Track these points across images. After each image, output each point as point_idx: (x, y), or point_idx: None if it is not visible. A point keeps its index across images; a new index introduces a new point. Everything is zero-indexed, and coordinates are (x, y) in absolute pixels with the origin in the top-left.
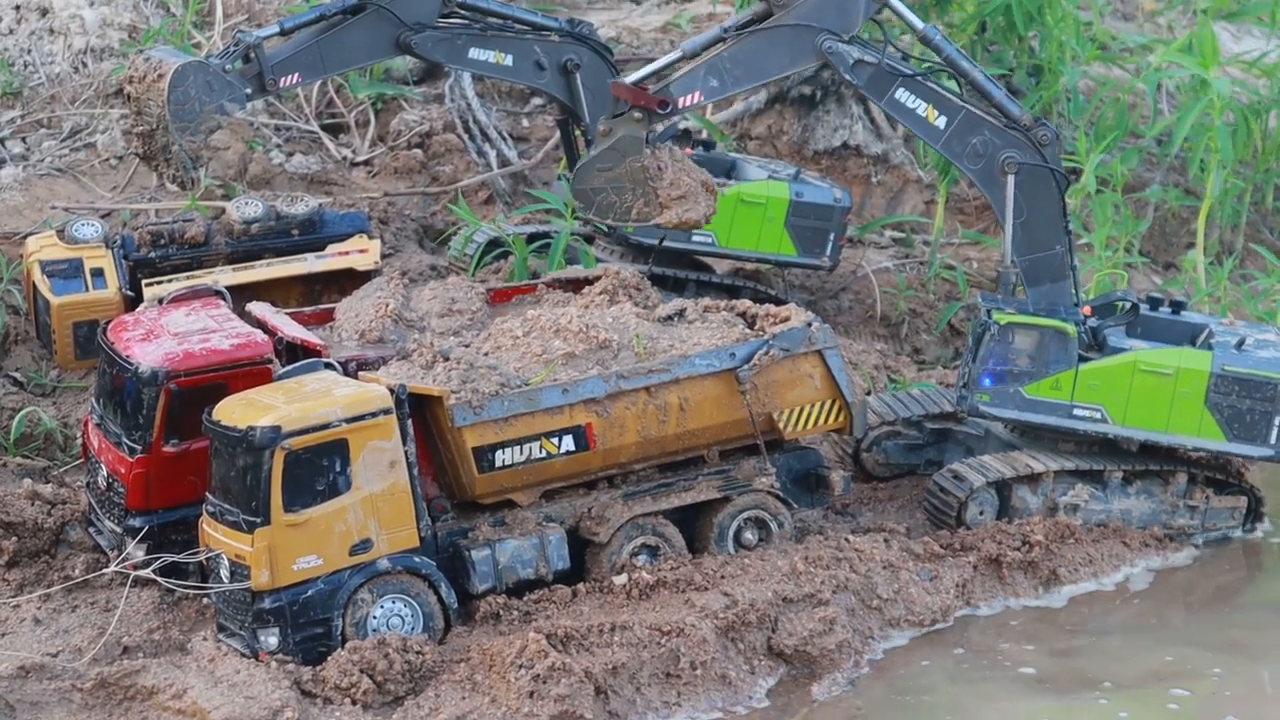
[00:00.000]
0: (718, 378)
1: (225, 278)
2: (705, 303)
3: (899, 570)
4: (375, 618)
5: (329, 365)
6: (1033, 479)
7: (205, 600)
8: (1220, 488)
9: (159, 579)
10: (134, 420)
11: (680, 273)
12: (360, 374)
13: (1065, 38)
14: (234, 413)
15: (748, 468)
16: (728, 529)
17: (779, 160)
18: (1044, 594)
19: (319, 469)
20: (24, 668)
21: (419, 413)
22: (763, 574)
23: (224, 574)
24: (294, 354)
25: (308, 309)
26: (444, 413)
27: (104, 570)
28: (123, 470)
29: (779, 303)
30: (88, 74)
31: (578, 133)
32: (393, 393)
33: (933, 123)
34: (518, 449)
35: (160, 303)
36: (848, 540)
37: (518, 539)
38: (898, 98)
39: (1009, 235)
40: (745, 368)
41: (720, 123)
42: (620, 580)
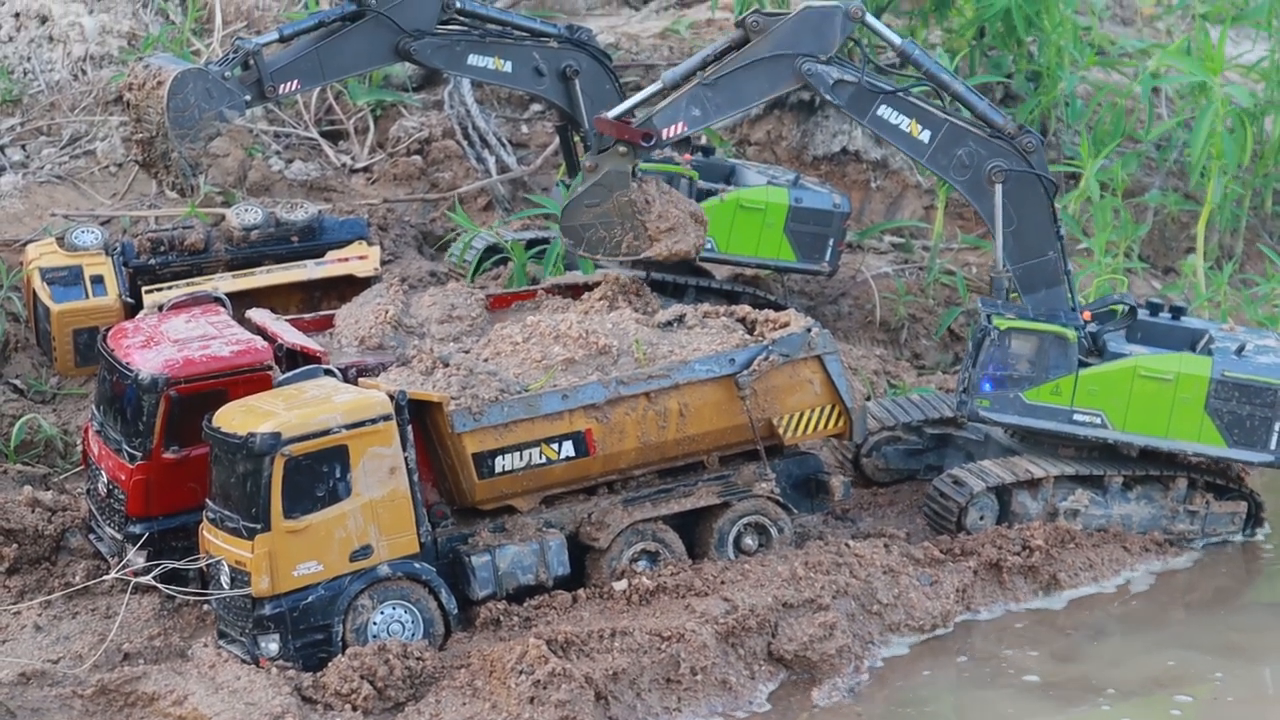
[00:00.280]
0: (717, 383)
1: (225, 284)
2: (705, 308)
3: (899, 575)
4: (376, 624)
5: (329, 372)
6: (1033, 484)
7: (206, 607)
8: (1220, 493)
9: (159, 585)
10: (134, 427)
11: (679, 278)
12: (360, 380)
13: (1064, 43)
14: (234, 419)
15: (748, 473)
16: (728, 534)
17: (778, 166)
18: (1044, 598)
19: (319, 475)
20: (25, 674)
21: (419, 419)
22: (763, 579)
23: (224, 580)
24: (294, 360)
25: (307, 315)
26: (444, 419)
27: (104, 577)
28: (123, 477)
29: (778, 308)
30: (87, 81)
31: (577, 139)
32: (392, 399)
33: (917, 137)
34: (517, 455)
35: (160, 309)
36: (848, 545)
37: (518, 545)
38: (880, 114)
39: (999, 244)
40: (745, 373)
41: (719, 128)
42: (620, 586)
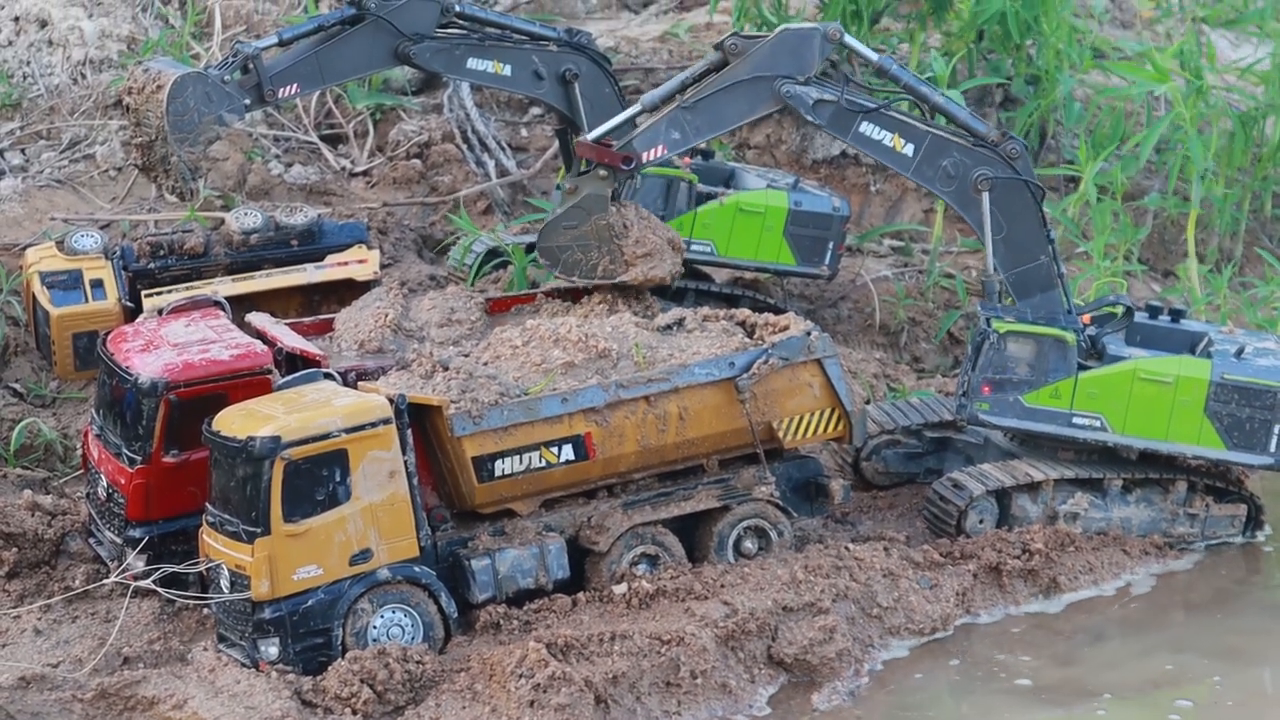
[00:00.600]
0: (717, 387)
1: (224, 288)
2: (704, 312)
3: (899, 579)
4: (375, 627)
5: (328, 375)
6: (1032, 487)
7: (205, 611)
8: (1220, 495)
9: (159, 589)
10: (134, 431)
11: (679, 282)
12: (360, 384)
13: (1062, 46)
14: (234, 423)
15: (747, 477)
16: (727, 538)
17: (778, 169)
18: (1044, 601)
19: (319, 479)
20: (25, 678)
21: (418, 422)
22: (762, 583)
23: (224, 584)
24: (293, 364)
25: (307, 319)
26: (443, 422)
27: (104, 581)
28: (123, 481)
29: (778, 311)
30: (87, 85)
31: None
32: (392, 403)
33: (900, 151)
34: (517, 458)
35: (160, 313)
36: (847, 549)
37: (517, 548)
38: (862, 131)
39: (989, 252)
40: (744, 377)
41: None
42: (620, 589)
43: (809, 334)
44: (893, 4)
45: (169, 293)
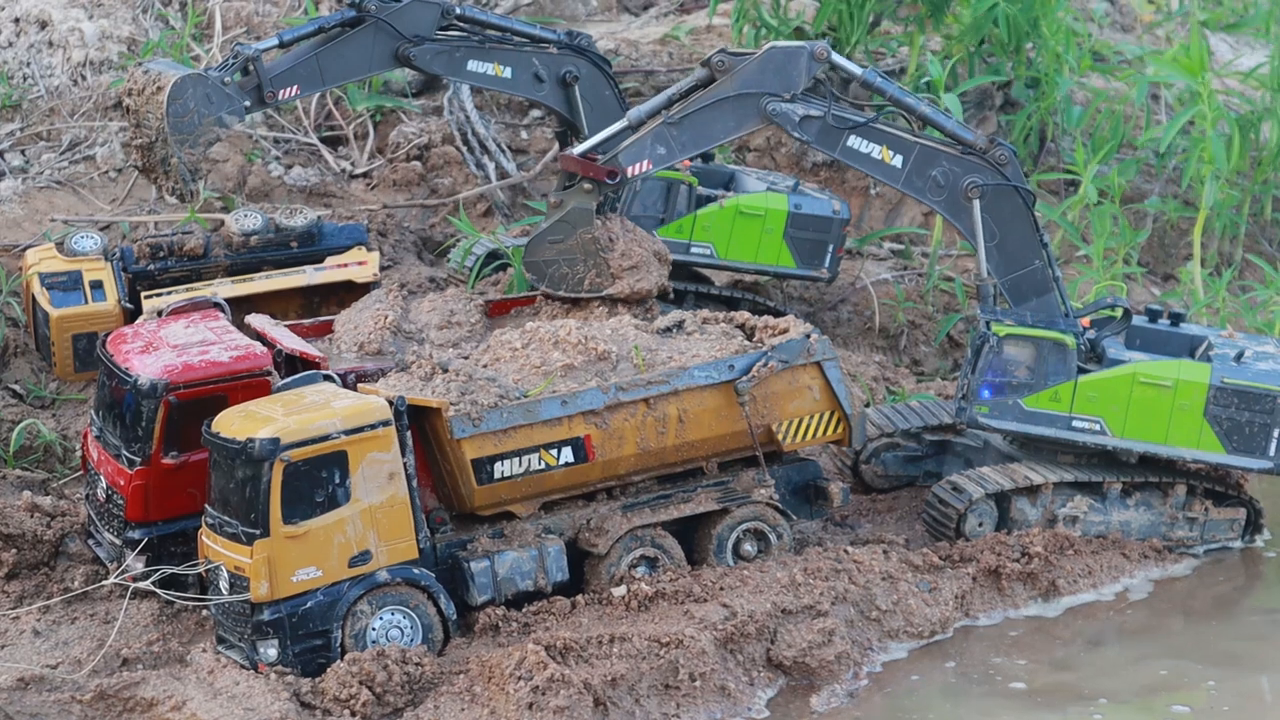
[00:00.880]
0: (716, 389)
1: (224, 290)
2: (704, 314)
3: (898, 582)
4: (374, 629)
5: (328, 377)
6: (1032, 491)
7: (204, 612)
8: (1219, 499)
9: (158, 591)
10: (133, 432)
11: (679, 284)
12: (359, 386)
13: (1062, 49)
14: (233, 425)
15: (746, 479)
16: (726, 540)
17: (778, 172)
18: (1043, 605)
19: (318, 481)
20: (23, 680)
21: (418, 424)
22: (762, 585)
23: (223, 586)
24: (293, 366)
25: (307, 321)
26: (443, 425)
27: (103, 582)
28: (122, 482)
29: (778, 314)
30: (87, 87)
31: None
32: (391, 405)
33: (889, 163)
34: (517, 461)
35: (159, 315)
36: (847, 552)
37: (517, 550)
38: (850, 145)
39: (982, 259)
40: (744, 379)
41: None
42: (619, 592)
43: (808, 337)
44: (891, 7)
45: (169, 294)
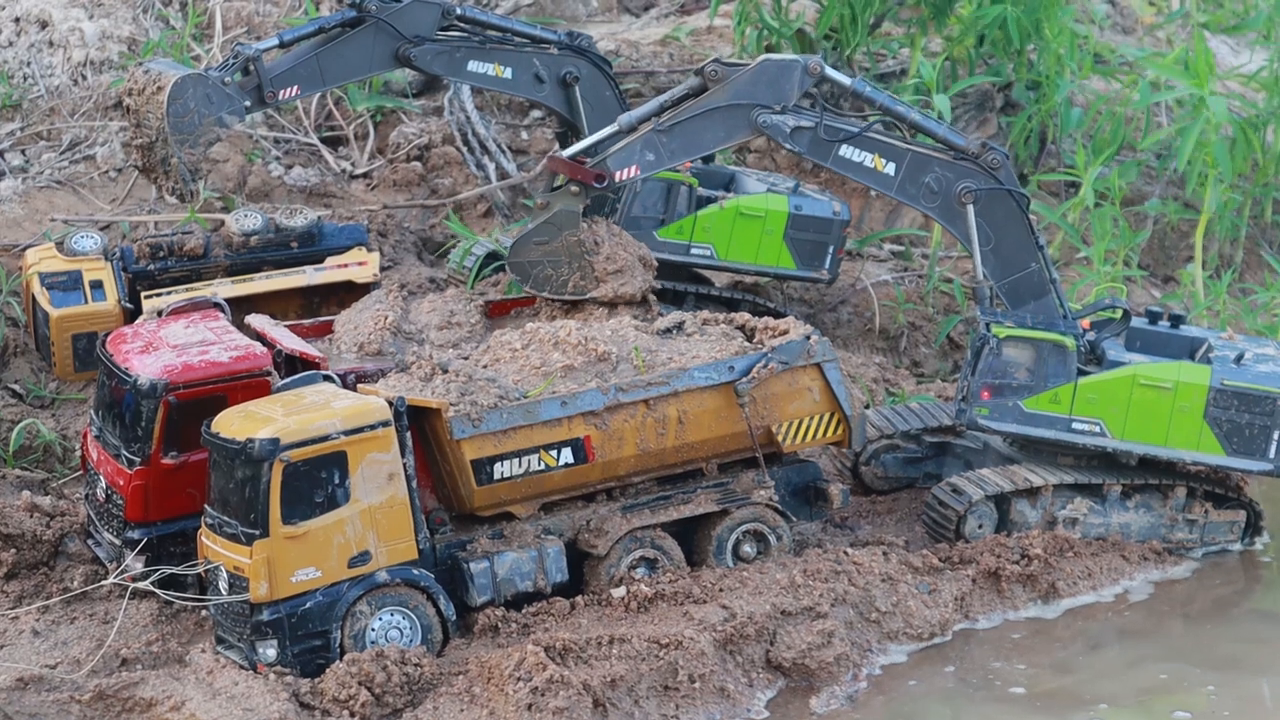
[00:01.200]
0: (716, 391)
1: (224, 290)
2: (704, 315)
3: (897, 583)
4: (374, 630)
5: (328, 377)
6: (1031, 492)
7: (204, 612)
8: (1219, 501)
9: (157, 591)
10: (133, 432)
11: (679, 285)
12: (359, 386)
13: (1063, 51)
14: (233, 425)
15: (746, 481)
16: (726, 542)
17: (778, 173)
18: (1043, 607)
19: (318, 481)
20: (22, 679)
21: (418, 425)
22: (761, 587)
23: (222, 586)
24: (293, 366)
25: (306, 321)
26: (443, 425)
27: (103, 582)
28: (121, 482)
29: (778, 316)
30: (87, 87)
31: None
32: (391, 405)
33: (882, 171)
34: (516, 461)
35: (159, 315)
36: (846, 553)
37: (516, 551)
38: (842, 154)
39: (978, 263)
40: (744, 381)
41: None
42: (619, 593)
43: (808, 338)
44: (893, 9)
45: (168, 294)
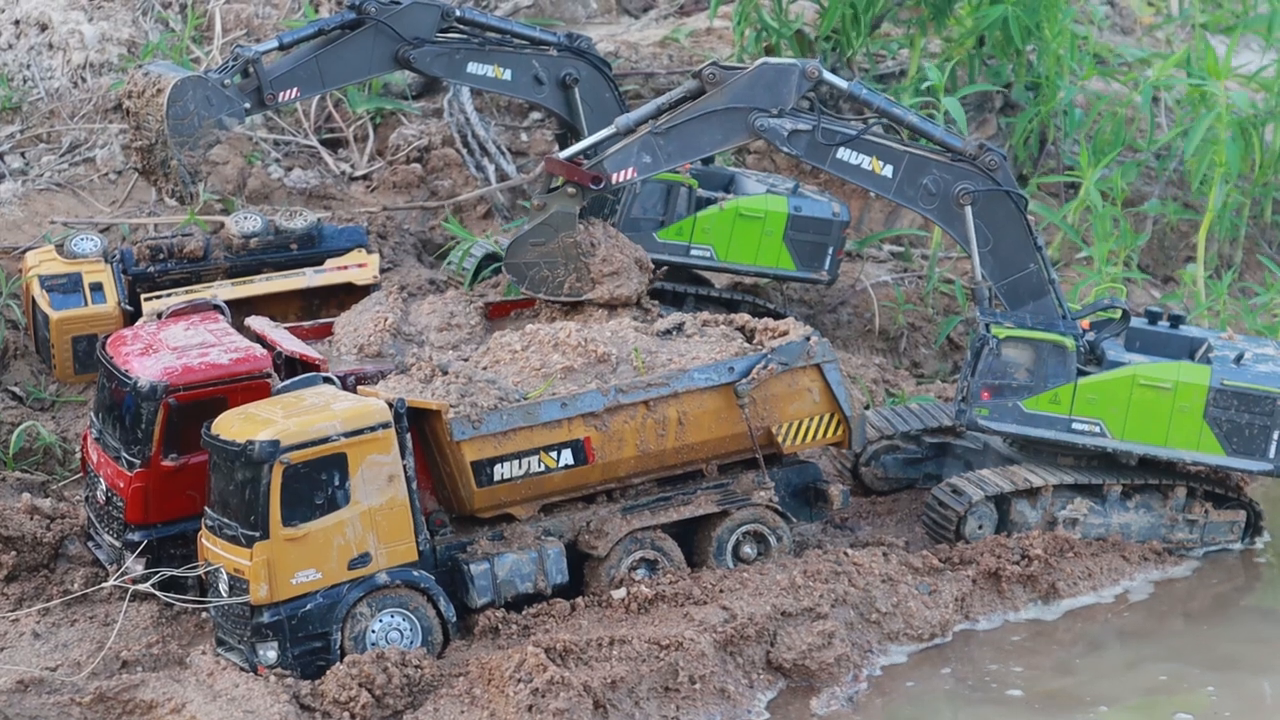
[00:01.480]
0: (716, 392)
1: (224, 292)
2: (704, 317)
3: (898, 584)
4: (374, 631)
5: (328, 379)
6: (1031, 493)
7: (204, 614)
8: (1219, 502)
9: (158, 593)
10: (133, 434)
11: (679, 287)
12: (359, 388)
13: (1063, 52)
14: (233, 427)
15: (746, 482)
16: (726, 543)
17: (777, 174)
18: (1043, 607)
19: (318, 483)
20: (23, 682)
21: (418, 427)
22: (761, 588)
23: (223, 588)
24: (293, 368)
25: (306, 323)
26: (443, 427)
27: (103, 584)
28: (121, 484)
29: (777, 317)
30: (87, 89)
31: None
32: (391, 407)
33: (880, 173)
34: (516, 463)
35: (159, 317)
36: (846, 554)
37: (516, 553)
38: (840, 157)
39: (976, 265)
40: (744, 382)
41: None
42: (619, 594)
43: (808, 339)
44: (893, 9)
45: (168, 296)
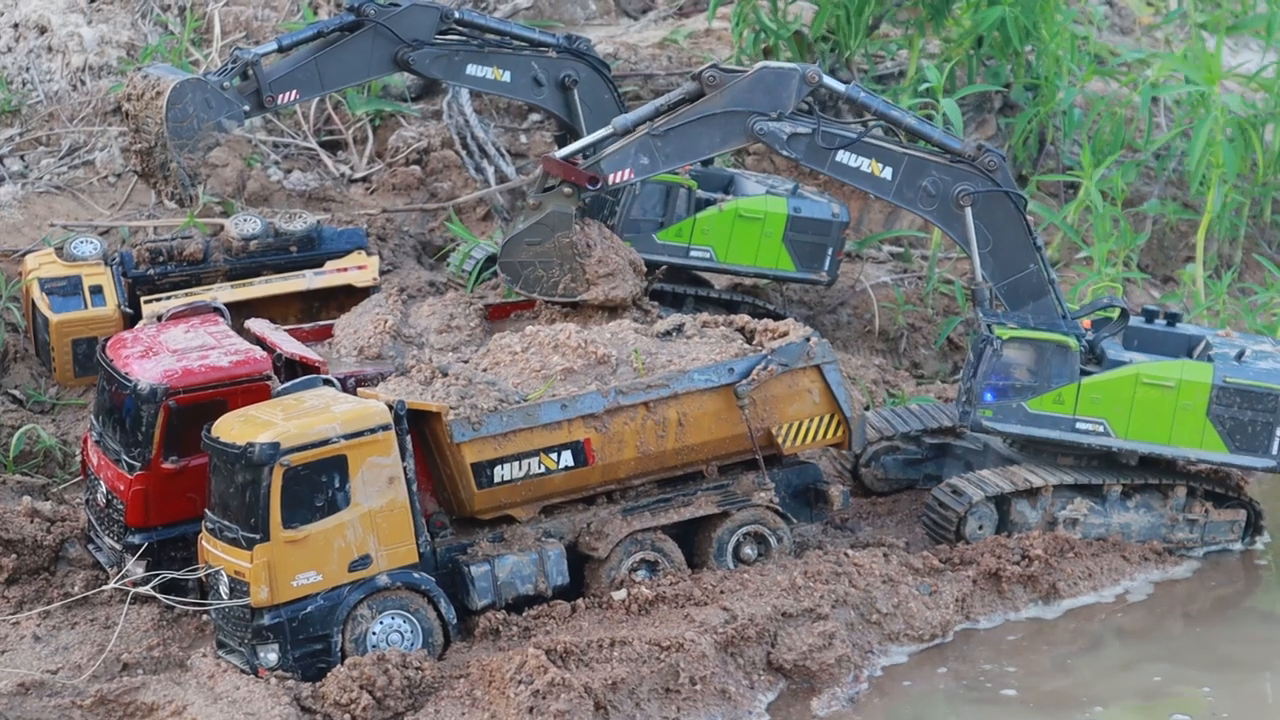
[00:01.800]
0: (716, 393)
1: (224, 294)
2: (704, 318)
3: (898, 585)
4: (374, 633)
5: (328, 382)
6: (1031, 493)
7: (205, 617)
8: (1219, 501)
9: (158, 596)
10: (133, 437)
11: (679, 288)
12: (359, 390)
13: (1062, 52)
14: (233, 429)
15: (746, 483)
16: (727, 544)
17: (777, 175)
18: (1043, 607)
19: (318, 485)
20: (24, 685)
21: (418, 429)
22: (762, 589)
23: (223, 590)
24: (293, 370)
25: (306, 325)
26: (443, 429)
27: (103, 587)
28: (122, 487)
29: (777, 318)
30: (86, 92)
31: None
32: (391, 409)
33: (879, 176)
34: (516, 464)
35: (159, 320)
36: (847, 555)
37: (517, 554)
38: (839, 160)
39: (977, 266)
40: (744, 383)
41: None
42: (619, 595)
43: (808, 340)
44: (891, 10)
45: (168, 299)
